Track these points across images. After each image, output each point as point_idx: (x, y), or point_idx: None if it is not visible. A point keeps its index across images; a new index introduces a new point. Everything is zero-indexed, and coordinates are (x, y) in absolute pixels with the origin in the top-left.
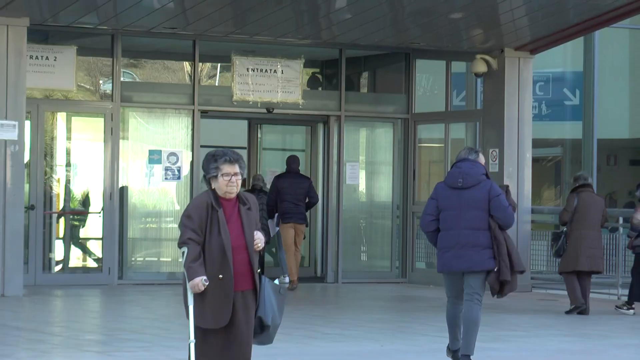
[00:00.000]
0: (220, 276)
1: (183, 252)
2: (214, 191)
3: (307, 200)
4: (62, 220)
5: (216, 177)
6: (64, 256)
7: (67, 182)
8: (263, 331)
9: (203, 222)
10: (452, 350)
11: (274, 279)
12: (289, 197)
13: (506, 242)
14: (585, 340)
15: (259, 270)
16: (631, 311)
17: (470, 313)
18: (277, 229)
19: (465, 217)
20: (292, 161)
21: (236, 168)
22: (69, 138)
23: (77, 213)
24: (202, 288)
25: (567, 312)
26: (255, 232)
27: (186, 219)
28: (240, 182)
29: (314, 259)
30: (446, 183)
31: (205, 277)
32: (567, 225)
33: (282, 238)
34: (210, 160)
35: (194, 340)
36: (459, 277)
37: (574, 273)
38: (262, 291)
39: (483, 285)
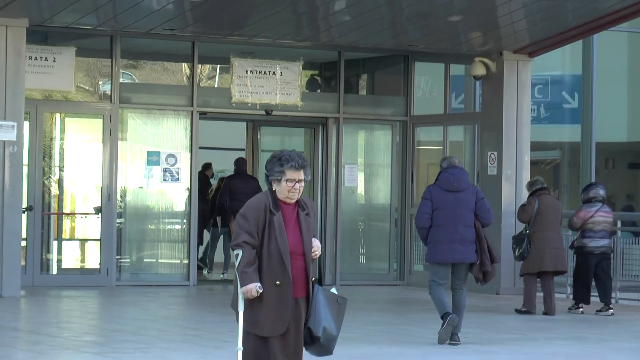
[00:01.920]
0: (278, 282)
1: (237, 255)
2: (273, 193)
3: None
4: (60, 221)
5: (279, 180)
6: (62, 257)
7: (66, 183)
8: (313, 342)
9: (260, 225)
10: (443, 315)
11: (331, 288)
12: (240, 196)
13: (485, 238)
14: (582, 343)
15: (313, 279)
16: (580, 310)
17: (460, 301)
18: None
19: (460, 215)
20: (242, 163)
21: (301, 175)
22: (67, 139)
23: (76, 214)
24: (255, 295)
25: (517, 311)
26: (313, 240)
27: (242, 219)
28: (302, 189)
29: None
30: (440, 186)
31: (259, 284)
32: (529, 228)
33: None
34: (276, 163)
35: (242, 348)
36: (447, 265)
37: (535, 276)
38: (313, 300)
39: (467, 275)
